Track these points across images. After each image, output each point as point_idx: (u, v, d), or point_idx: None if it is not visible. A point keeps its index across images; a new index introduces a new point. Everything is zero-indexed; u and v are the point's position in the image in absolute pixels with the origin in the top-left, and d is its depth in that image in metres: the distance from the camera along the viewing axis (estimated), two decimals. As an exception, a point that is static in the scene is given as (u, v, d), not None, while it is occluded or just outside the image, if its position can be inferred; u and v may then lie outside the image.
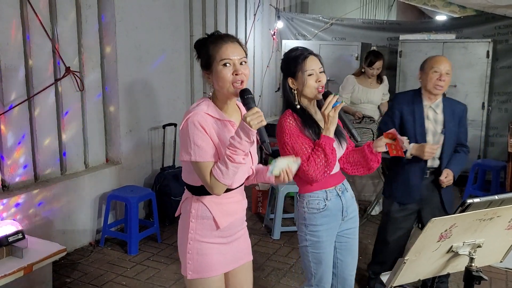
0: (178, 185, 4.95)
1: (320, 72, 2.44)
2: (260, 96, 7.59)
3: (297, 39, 7.74)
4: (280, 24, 7.76)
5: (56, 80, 4.16)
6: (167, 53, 5.22)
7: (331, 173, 2.45)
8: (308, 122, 2.44)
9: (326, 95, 2.38)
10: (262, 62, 7.66)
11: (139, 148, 5.00)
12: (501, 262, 1.68)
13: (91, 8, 4.42)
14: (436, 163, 3.23)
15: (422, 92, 3.25)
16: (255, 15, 7.28)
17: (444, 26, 7.06)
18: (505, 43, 6.46)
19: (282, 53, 3.46)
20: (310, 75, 2.41)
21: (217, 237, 2.12)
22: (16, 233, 3.30)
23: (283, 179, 2.09)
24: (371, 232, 4.87)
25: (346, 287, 2.68)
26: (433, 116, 3.22)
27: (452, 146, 3.24)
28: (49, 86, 4.08)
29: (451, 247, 1.51)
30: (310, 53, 2.47)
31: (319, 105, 2.51)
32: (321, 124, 2.44)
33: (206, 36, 2.08)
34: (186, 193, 2.17)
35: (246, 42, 7.19)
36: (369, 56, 5.21)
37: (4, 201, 3.70)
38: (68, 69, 4.20)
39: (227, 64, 1.97)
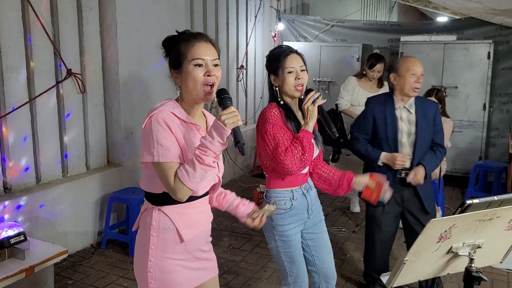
0: (179, 187, 4.95)
1: (301, 71, 2.45)
2: (261, 98, 7.60)
3: (298, 40, 7.76)
4: (281, 26, 7.77)
5: (58, 82, 4.17)
6: (168, 55, 5.22)
7: (302, 172, 2.49)
8: (290, 116, 2.48)
9: (307, 91, 2.40)
10: (263, 64, 7.65)
11: (140, 150, 5.00)
12: (501, 262, 1.68)
13: (92, 10, 4.43)
14: (407, 164, 3.23)
15: (394, 94, 3.26)
16: (255, 17, 7.30)
17: (445, 27, 7.06)
18: (506, 44, 6.46)
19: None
20: (290, 72, 2.43)
21: (181, 253, 1.93)
22: (18, 235, 3.30)
23: (256, 224, 2.07)
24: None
25: (329, 281, 2.70)
26: (407, 116, 3.25)
27: (425, 146, 3.24)
28: (50, 88, 4.09)
29: (451, 247, 1.51)
30: (292, 51, 2.49)
31: (301, 105, 2.53)
32: (302, 122, 2.48)
33: (176, 33, 1.96)
34: (145, 204, 1.98)
35: (247, 44, 7.21)
36: (370, 59, 5.22)
37: (6, 203, 3.71)
38: (69, 71, 4.21)
39: (200, 65, 1.86)
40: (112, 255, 4.36)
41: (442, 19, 8.89)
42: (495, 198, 1.46)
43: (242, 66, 7.10)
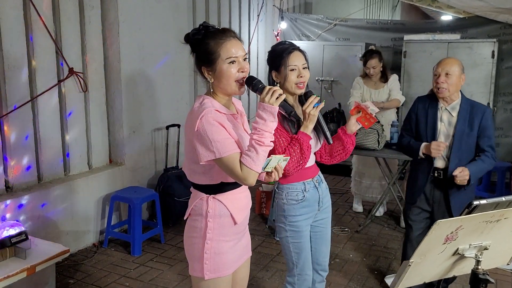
0: (181, 186, 4.94)
1: (303, 68, 2.48)
2: (263, 96, 7.56)
3: (301, 39, 7.73)
4: (283, 25, 7.74)
5: (60, 81, 4.16)
6: (171, 54, 5.22)
7: (308, 165, 2.55)
8: (288, 117, 2.49)
9: (308, 95, 2.41)
10: (266, 63, 7.63)
11: (143, 149, 5.00)
12: (508, 264, 1.66)
13: (94, 9, 4.42)
14: (442, 164, 3.19)
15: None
16: (258, 16, 7.27)
17: (448, 26, 7.02)
18: (511, 43, 6.42)
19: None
20: (292, 70, 2.46)
21: (232, 234, 2.12)
22: (19, 234, 3.29)
23: (274, 177, 2.11)
24: (375, 234, 4.85)
25: (322, 272, 2.79)
26: (448, 118, 3.19)
27: (464, 149, 3.14)
28: (52, 87, 4.08)
29: (457, 249, 1.48)
30: (295, 48, 2.50)
31: (301, 101, 2.56)
32: (301, 118, 2.49)
33: (200, 28, 2.02)
34: (198, 194, 2.11)
35: (249, 43, 7.18)
36: (364, 56, 5.23)
37: (8, 202, 3.70)
38: (71, 70, 4.19)
39: (233, 61, 1.95)
40: (114, 254, 4.34)
41: (446, 17, 8.84)
42: (503, 199, 1.43)
43: (244, 65, 7.06)
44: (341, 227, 5.00)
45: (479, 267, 1.50)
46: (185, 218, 2.21)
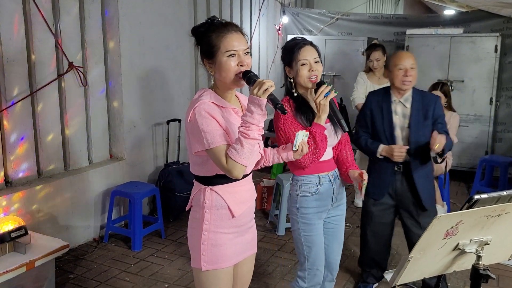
0: (182, 181, 4.93)
1: (315, 62, 2.49)
2: (265, 91, 7.53)
3: (303, 34, 7.69)
4: (285, 19, 7.71)
5: (59, 75, 4.14)
6: (171, 49, 5.19)
7: (324, 159, 2.56)
8: (302, 108, 2.53)
9: (319, 84, 2.42)
10: (267, 58, 7.62)
11: (143, 143, 4.98)
12: (510, 259, 1.64)
13: (94, 2, 4.39)
14: (403, 158, 3.21)
15: (391, 88, 3.29)
16: (260, 10, 7.23)
17: (451, 20, 6.98)
18: (514, 38, 6.38)
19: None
20: (303, 64, 2.47)
21: (232, 227, 2.11)
22: (19, 229, 3.28)
23: (302, 151, 2.15)
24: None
25: (331, 271, 2.78)
26: (402, 110, 3.25)
27: (421, 140, 3.18)
28: (52, 81, 4.05)
29: (458, 244, 1.46)
30: (306, 43, 2.52)
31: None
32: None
33: (207, 22, 2.04)
34: (197, 186, 2.14)
35: (251, 38, 7.15)
36: (367, 49, 5.20)
37: (7, 196, 3.68)
38: (71, 64, 4.17)
39: (233, 55, 1.96)
40: (115, 249, 4.33)
41: (449, 12, 8.79)
42: (504, 193, 1.41)
43: (245, 59, 7.04)
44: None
45: (480, 262, 1.48)
46: (186, 209, 2.22)
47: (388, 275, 3.79)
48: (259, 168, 2.34)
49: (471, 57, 6.26)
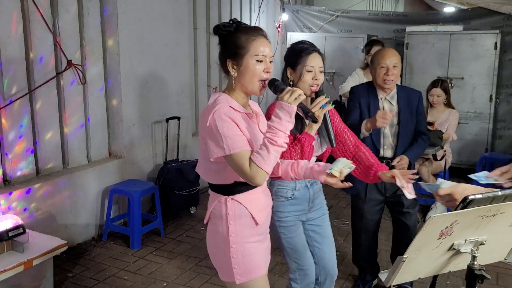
0: (181, 179, 4.93)
1: (320, 72, 2.45)
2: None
3: (303, 31, 7.68)
4: (285, 17, 7.69)
5: (58, 73, 4.13)
6: (171, 46, 5.18)
7: None
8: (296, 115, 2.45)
9: (318, 94, 2.39)
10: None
11: (142, 142, 4.98)
12: (506, 259, 1.63)
13: (93, 0, 4.38)
14: (390, 153, 3.28)
15: (375, 86, 3.28)
16: (259, 7, 7.21)
17: (451, 17, 6.96)
18: (514, 35, 6.36)
19: (287, 46, 3.45)
20: (309, 71, 2.43)
21: (256, 235, 2.07)
22: (17, 227, 3.27)
23: (333, 181, 2.04)
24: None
25: (328, 274, 2.73)
26: (389, 107, 3.26)
27: (408, 136, 3.26)
28: (50, 79, 4.05)
29: (453, 244, 1.46)
30: (315, 50, 2.48)
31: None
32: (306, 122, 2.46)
33: (232, 23, 2.00)
34: (215, 196, 2.07)
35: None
36: (367, 45, 5.19)
37: (6, 195, 3.69)
38: (69, 62, 4.16)
39: (261, 61, 1.94)
40: (114, 247, 4.34)
41: (449, 9, 8.77)
42: (499, 193, 1.40)
43: (245, 57, 7.03)
44: (342, 220, 4.97)
45: (475, 262, 1.47)
46: (205, 222, 2.16)
47: (382, 276, 3.80)
48: (290, 174, 2.22)
49: (471, 54, 6.25)
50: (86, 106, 4.47)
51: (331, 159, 2.68)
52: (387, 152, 3.29)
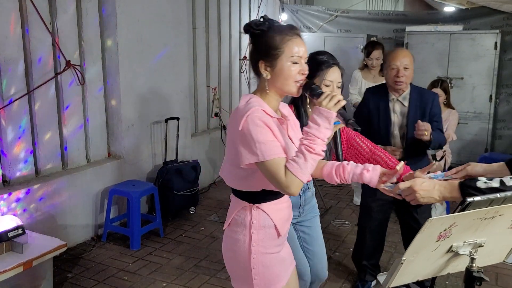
0: (181, 179, 4.93)
1: (338, 87, 2.39)
2: (264, 89, 7.52)
3: (302, 31, 7.66)
4: (284, 17, 7.68)
5: (56, 74, 4.12)
6: (170, 47, 5.17)
7: None
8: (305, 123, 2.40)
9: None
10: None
11: (142, 142, 4.97)
12: (504, 261, 1.63)
13: (91, 1, 4.37)
14: (399, 155, 3.21)
15: (388, 86, 3.26)
16: (259, 7, 7.20)
17: (451, 17, 6.96)
18: (514, 35, 6.36)
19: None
20: (327, 86, 2.36)
21: (276, 246, 2.00)
22: (16, 228, 3.27)
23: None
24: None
25: (317, 278, 2.71)
26: (400, 108, 3.24)
27: (417, 138, 3.15)
28: (49, 80, 4.04)
29: (451, 246, 1.45)
30: (336, 63, 2.42)
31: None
32: None
33: (264, 20, 1.88)
34: (240, 203, 1.99)
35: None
36: (367, 47, 5.18)
37: (5, 196, 3.68)
38: (68, 63, 4.15)
39: (296, 62, 1.84)
40: (113, 248, 4.33)
41: (449, 9, 8.77)
42: (498, 195, 1.40)
43: (245, 57, 7.02)
44: (341, 220, 4.97)
45: (474, 264, 1.47)
46: (224, 228, 2.08)
47: (381, 278, 3.79)
48: (335, 178, 2.14)
49: (470, 54, 6.25)
50: (85, 106, 4.46)
51: None
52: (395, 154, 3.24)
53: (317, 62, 2.38)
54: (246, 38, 7.02)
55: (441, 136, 3.20)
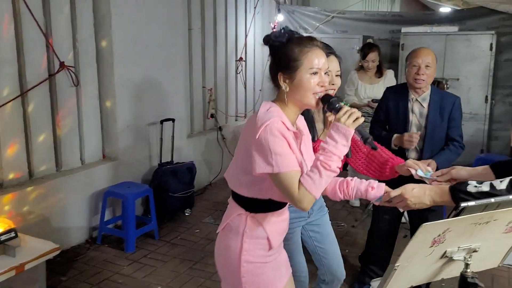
0: (176, 181, 4.91)
1: (336, 76, 2.34)
2: (260, 90, 7.51)
3: (298, 32, 7.65)
4: (280, 17, 7.67)
5: (50, 75, 4.10)
6: (165, 47, 5.15)
7: None
8: (310, 123, 2.36)
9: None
10: (263, 56, 7.56)
11: (137, 143, 4.94)
12: (499, 266, 1.62)
13: (86, 2, 4.35)
14: (416, 155, 3.21)
15: (408, 86, 3.24)
16: (255, 8, 7.19)
17: (447, 18, 6.96)
18: (509, 36, 6.35)
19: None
20: (325, 73, 2.32)
21: (267, 256, 1.99)
22: (9, 231, 3.23)
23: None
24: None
25: (335, 279, 2.67)
26: (419, 109, 3.21)
27: (436, 140, 3.18)
28: (43, 81, 4.01)
29: (445, 252, 1.44)
30: (332, 52, 2.36)
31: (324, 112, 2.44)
32: (318, 129, 2.40)
33: (284, 32, 1.86)
34: (236, 209, 1.97)
35: (246, 36, 7.11)
36: (363, 49, 5.16)
37: (-2, 198, 3.66)
38: (62, 64, 4.13)
39: (315, 73, 1.81)
40: (108, 250, 4.30)
41: (444, 9, 8.77)
42: (492, 200, 1.39)
43: (241, 58, 7.01)
44: (337, 222, 4.95)
45: (468, 270, 1.46)
46: (218, 231, 2.07)
47: (375, 283, 3.78)
48: (338, 194, 2.12)
49: (466, 55, 6.25)
50: (79, 108, 4.43)
51: (344, 165, 2.64)
52: (411, 154, 3.22)
53: None
54: (242, 39, 7.01)
55: (450, 155, 3.15)
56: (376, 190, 2.01)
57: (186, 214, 5.14)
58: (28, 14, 3.83)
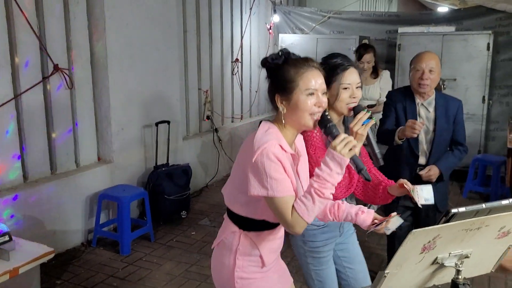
0: (171, 183, 4.89)
1: (357, 88, 2.28)
2: (256, 92, 7.50)
3: (294, 33, 7.64)
4: (276, 18, 7.66)
5: (44, 78, 4.08)
6: (160, 49, 5.13)
7: None
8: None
9: (356, 110, 2.23)
10: (259, 57, 7.56)
11: (132, 146, 4.92)
12: (492, 271, 1.60)
13: (79, 4, 4.33)
14: (424, 160, 3.21)
15: (412, 90, 3.21)
16: (251, 9, 7.18)
17: (444, 18, 6.93)
18: (507, 35, 6.33)
19: (279, 48, 3.34)
20: (346, 88, 2.25)
21: (262, 272, 1.99)
22: (3, 235, 3.22)
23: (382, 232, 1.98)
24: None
25: None
26: (425, 114, 3.19)
27: (443, 144, 3.20)
28: (36, 84, 3.99)
29: (436, 258, 1.42)
30: (351, 64, 2.30)
31: (345, 123, 2.39)
32: None
33: (281, 54, 1.86)
34: (230, 226, 1.98)
35: (242, 37, 7.09)
36: (359, 50, 5.14)
37: (-9, 202, 3.64)
38: (56, 67, 4.11)
39: (312, 94, 1.81)
40: (103, 253, 4.29)
41: (441, 9, 8.76)
42: (483, 206, 1.37)
43: (237, 59, 6.99)
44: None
45: (459, 276, 1.44)
46: (212, 247, 2.09)
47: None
48: (329, 216, 2.14)
49: (463, 55, 6.23)
50: (74, 110, 4.41)
51: None
52: (420, 159, 3.20)
53: (332, 66, 2.26)
54: (238, 40, 7.00)
55: (453, 160, 3.18)
56: (365, 214, 2.04)
57: (182, 216, 5.12)
58: (21, 16, 3.81)
